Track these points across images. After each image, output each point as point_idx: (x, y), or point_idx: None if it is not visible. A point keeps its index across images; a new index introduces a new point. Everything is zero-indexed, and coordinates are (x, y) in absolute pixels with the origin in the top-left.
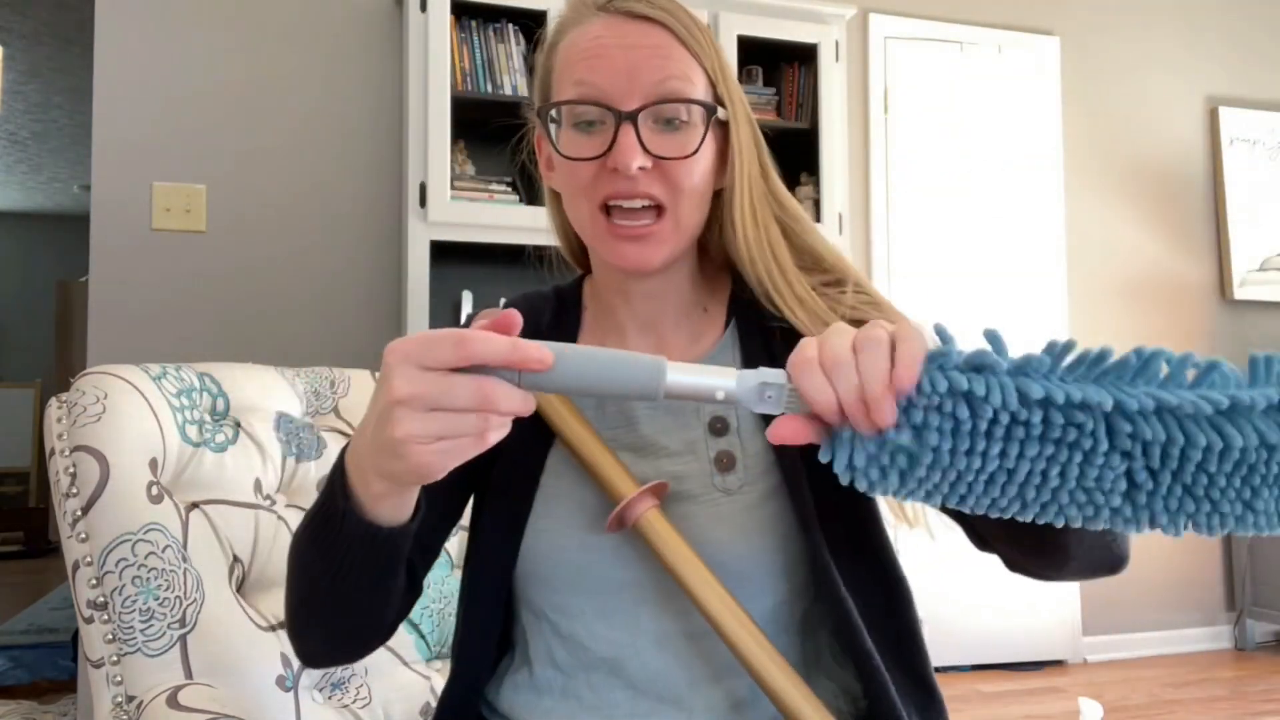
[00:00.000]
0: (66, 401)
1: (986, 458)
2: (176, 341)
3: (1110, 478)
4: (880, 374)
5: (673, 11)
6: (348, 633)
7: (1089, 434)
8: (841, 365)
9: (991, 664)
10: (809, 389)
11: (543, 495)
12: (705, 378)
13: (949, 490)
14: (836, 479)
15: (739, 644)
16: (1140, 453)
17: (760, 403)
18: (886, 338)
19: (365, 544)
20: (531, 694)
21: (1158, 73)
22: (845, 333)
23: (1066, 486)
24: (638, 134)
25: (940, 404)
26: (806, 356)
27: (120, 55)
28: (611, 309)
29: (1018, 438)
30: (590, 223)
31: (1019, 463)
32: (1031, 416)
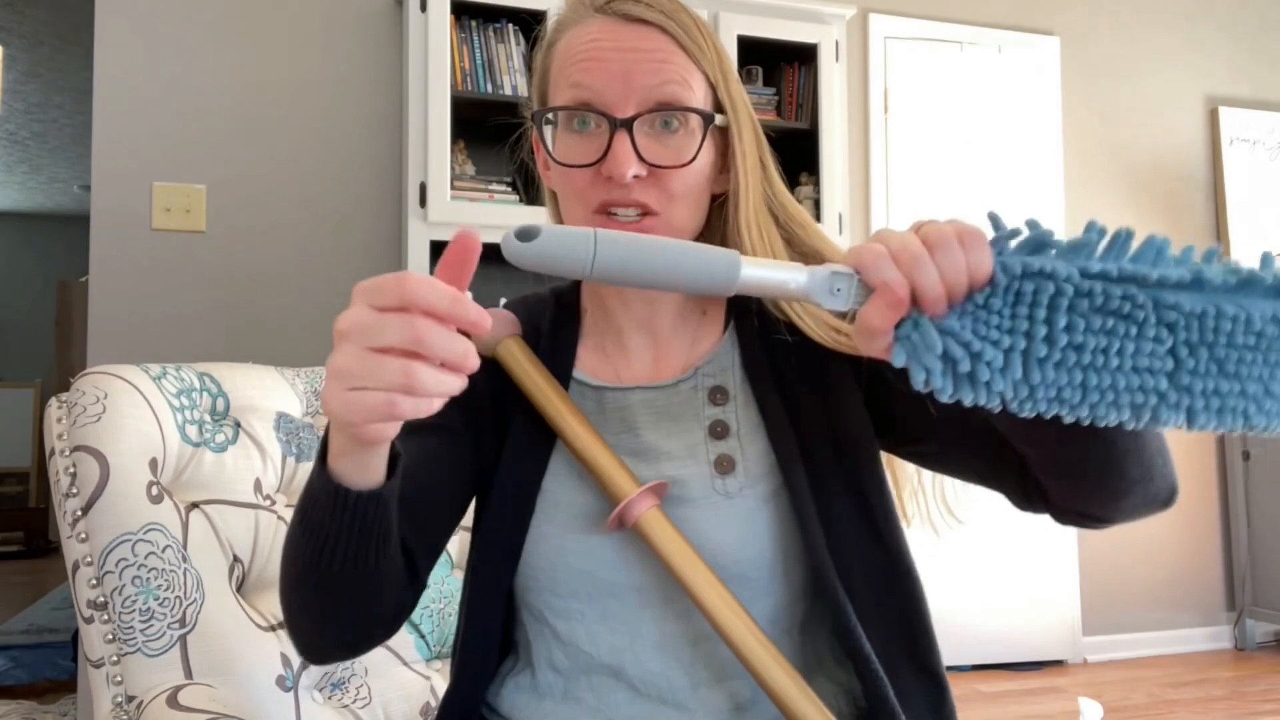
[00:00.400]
0: (66, 401)
1: (1054, 331)
2: (176, 341)
3: (1159, 353)
4: (960, 266)
5: (672, 14)
6: (341, 618)
7: (1139, 305)
8: (920, 259)
9: (991, 664)
10: (888, 280)
11: (544, 498)
12: (778, 271)
13: (1019, 370)
14: (838, 478)
15: (740, 644)
16: (1182, 324)
17: (830, 297)
18: (952, 230)
19: (338, 510)
20: (533, 696)
21: (1158, 73)
22: (904, 232)
23: (1123, 365)
24: (633, 141)
25: (1010, 284)
26: (877, 251)
27: (120, 55)
28: (609, 311)
29: (1080, 311)
30: (586, 226)
31: (1085, 336)
32: (1093, 289)
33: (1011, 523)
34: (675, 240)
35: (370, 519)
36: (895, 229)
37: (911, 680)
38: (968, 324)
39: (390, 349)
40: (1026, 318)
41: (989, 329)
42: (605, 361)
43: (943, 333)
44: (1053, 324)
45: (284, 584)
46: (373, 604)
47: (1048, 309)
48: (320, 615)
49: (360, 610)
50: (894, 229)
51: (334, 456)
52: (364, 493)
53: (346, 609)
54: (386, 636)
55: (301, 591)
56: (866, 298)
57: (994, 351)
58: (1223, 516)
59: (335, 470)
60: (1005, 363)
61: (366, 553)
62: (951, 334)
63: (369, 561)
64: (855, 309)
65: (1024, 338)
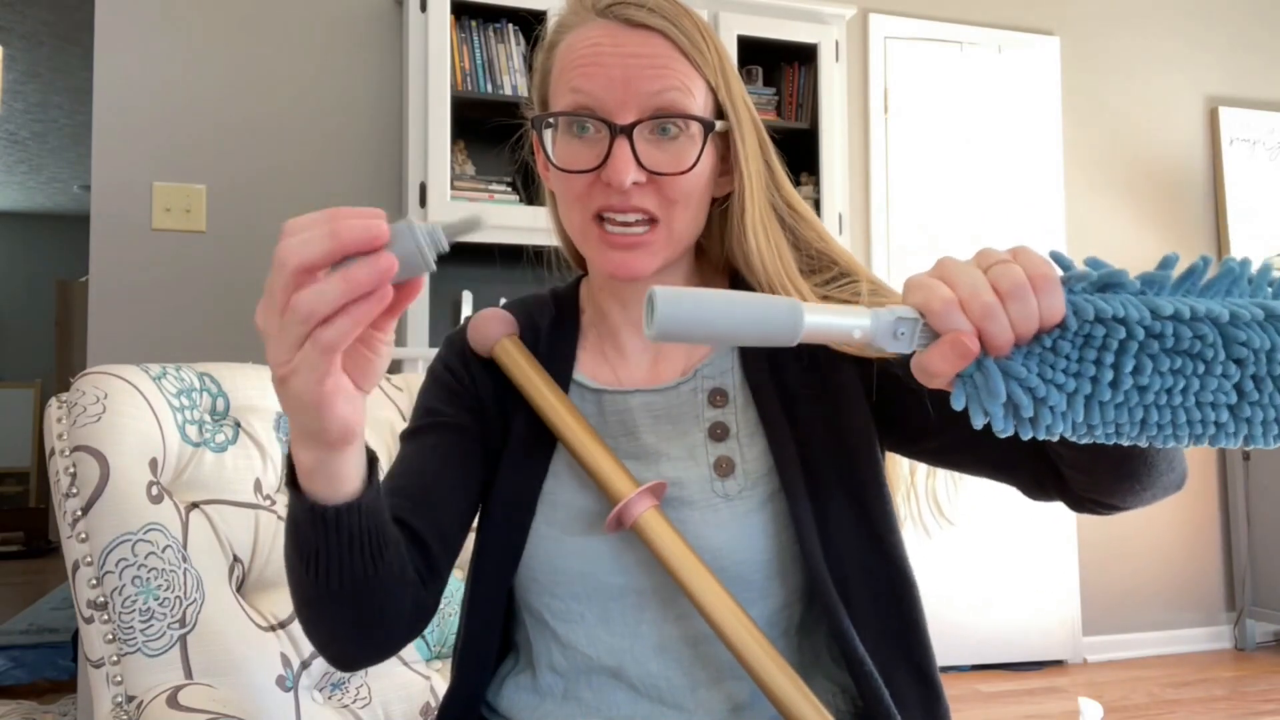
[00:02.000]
0: (66, 401)
1: (1120, 374)
2: (176, 341)
3: (1225, 388)
4: (1032, 315)
5: (674, 19)
6: (356, 629)
7: (1209, 344)
8: (991, 310)
9: (991, 664)
10: (957, 326)
11: (544, 501)
12: (841, 318)
13: (1080, 413)
14: (836, 480)
15: (738, 645)
16: (1251, 360)
17: (892, 341)
18: (1024, 275)
19: (320, 528)
20: (533, 696)
21: (1158, 73)
22: (974, 270)
23: (1186, 403)
24: (632, 147)
25: (1080, 327)
26: (944, 297)
27: (120, 55)
28: (607, 313)
29: (1149, 352)
30: (582, 230)
31: (1151, 378)
32: (1164, 330)
33: (1012, 523)
34: (736, 293)
35: (356, 530)
36: (959, 261)
37: (905, 683)
38: (1033, 365)
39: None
40: (1094, 361)
41: (1055, 371)
42: (604, 363)
43: (1007, 375)
44: (1120, 368)
45: (295, 605)
46: (384, 610)
47: (1117, 353)
48: (335, 629)
49: (372, 618)
50: (958, 261)
51: (303, 478)
52: (341, 506)
53: (358, 620)
54: (411, 636)
55: (311, 610)
56: (930, 340)
57: (1058, 396)
58: (1223, 516)
59: (309, 491)
60: (1068, 406)
61: (362, 564)
62: (1016, 378)
63: (366, 571)
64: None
65: (1090, 382)
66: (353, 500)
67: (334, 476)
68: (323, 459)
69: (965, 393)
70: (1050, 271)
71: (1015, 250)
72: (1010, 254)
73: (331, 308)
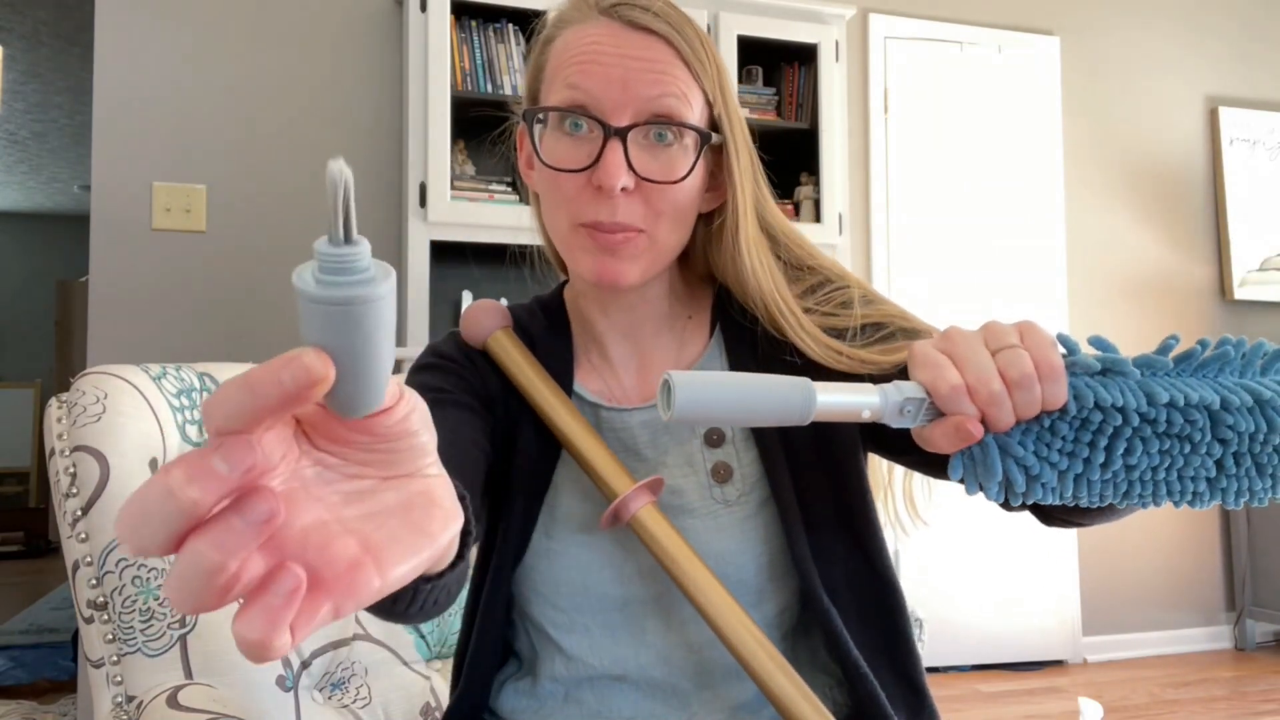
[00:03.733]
0: (66, 401)
1: (1112, 455)
2: (176, 341)
3: (1208, 464)
4: (1036, 403)
5: (678, 26)
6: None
7: (1199, 428)
8: (997, 399)
9: (991, 664)
10: (962, 411)
11: (547, 512)
12: (852, 397)
13: (1070, 489)
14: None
15: (736, 641)
16: (1235, 441)
17: (898, 417)
18: (1031, 364)
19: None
20: (532, 700)
21: (1158, 73)
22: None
23: (1169, 477)
24: (625, 151)
25: (1079, 412)
26: (952, 383)
27: (120, 55)
28: (591, 319)
29: (1141, 436)
30: (568, 234)
31: (1141, 458)
32: (1157, 416)
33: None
34: (749, 376)
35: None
36: (968, 337)
37: (893, 690)
38: (1030, 444)
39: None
40: (1088, 444)
41: (1050, 450)
42: (594, 373)
43: (1005, 453)
44: (1113, 450)
45: None
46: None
47: (1111, 437)
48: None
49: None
50: (967, 337)
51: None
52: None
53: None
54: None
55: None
56: (935, 416)
57: (1051, 474)
58: (1223, 516)
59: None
60: (1059, 482)
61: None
62: (1014, 457)
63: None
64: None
65: (1083, 462)
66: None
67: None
68: None
69: (963, 465)
70: (1056, 361)
71: (1023, 330)
72: (1018, 333)
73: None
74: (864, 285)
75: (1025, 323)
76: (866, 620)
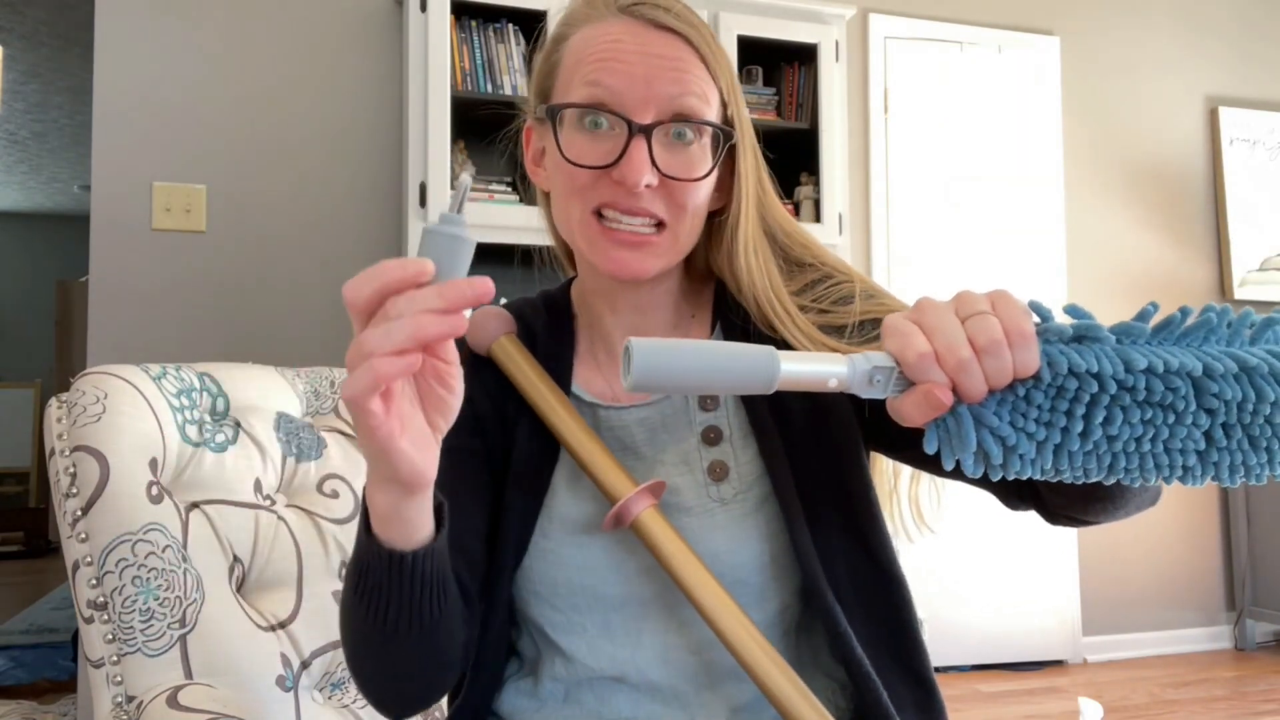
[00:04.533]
0: (66, 401)
1: (1091, 425)
2: (176, 341)
3: (1195, 436)
4: (1006, 370)
5: (696, 26)
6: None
7: (1181, 396)
8: (966, 365)
9: (991, 664)
10: (931, 378)
11: (543, 514)
12: (816, 366)
13: (1050, 460)
14: (825, 483)
15: (736, 644)
16: (1222, 410)
17: (868, 388)
18: (1001, 330)
19: (395, 575)
20: (533, 700)
21: (1158, 73)
22: (952, 320)
23: (1155, 449)
24: (649, 149)
25: (1054, 379)
26: (919, 350)
27: (120, 55)
28: (599, 316)
29: (1121, 404)
30: (582, 226)
31: (1121, 428)
32: (1136, 383)
33: (1012, 523)
34: (712, 343)
35: (429, 575)
36: (938, 306)
37: (900, 686)
38: (1005, 413)
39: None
40: (1065, 413)
41: (1026, 420)
42: (597, 371)
43: (979, 423)
44: (1091, 419)
45: (350, 652)
46: (444, 649)
47: (1089, 405)
48: (394, 674)
49: (433, 658)
50: (936, 305)
51: (380, 524)
52: (419, 552)
53: (419, 660)
54: (458, 674)
55: (370, 657)
56: (906, 386)
57: (1029, 444)
58: (1223, 516)
59: (384, 538)
60: (1038, 453)
61: (430, 607)
62: (988, 426)
63: (434, 614)
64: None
65: (1060, 431)
66: (426, 546)
67: (409, 522)
68: (397, 504)
69: (938, 436)
70: (1027, 326)
71: (994, 298)
72: (989, 302)
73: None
74: (867, 280)
75: (997, 291)
76: (871, 616)
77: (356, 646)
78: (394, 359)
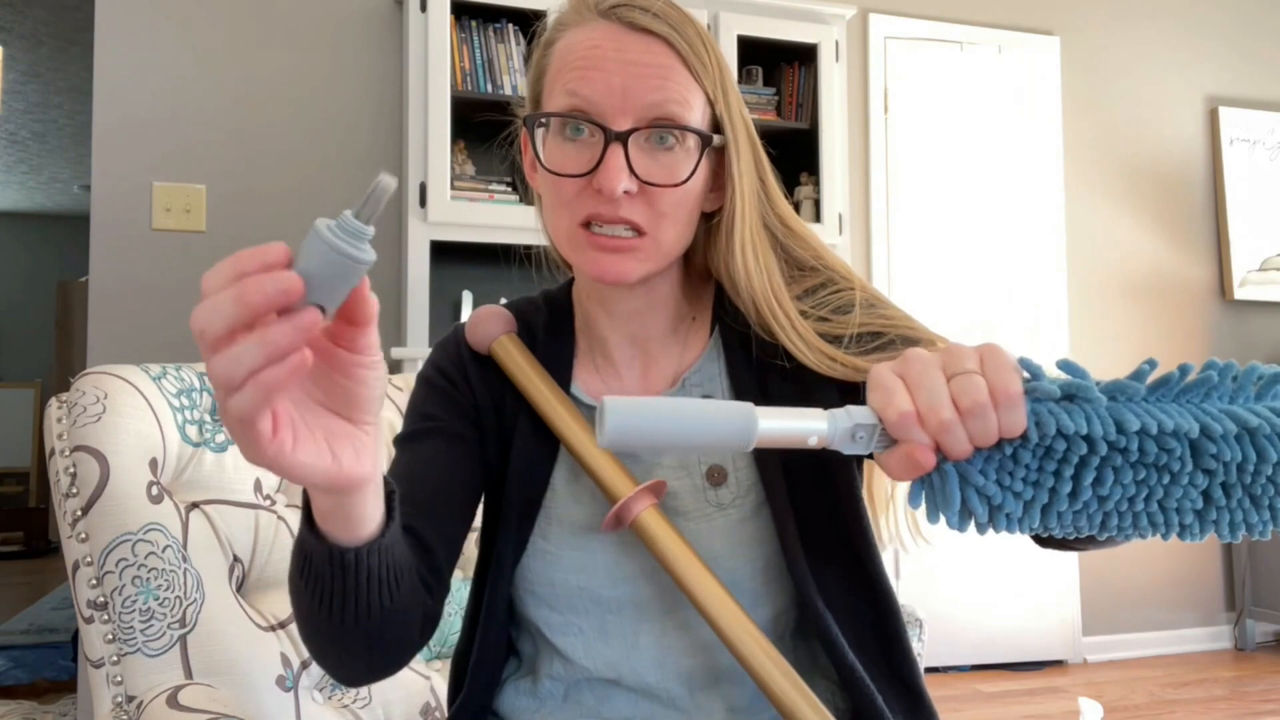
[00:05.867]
0: (66, 401)
1: (1080, 485)
2: (176, 341)
3: (1192, 495)
4: (991, 432)
5: (678, 27)
6: (368, 653)
7: (1177, 457)
8: (948, 427)
9: (991, 664)
10: (913, 439)
11: (544, 515)
12: (796, 423)
13: (1038, 519)
14: (816, 492)
15: (737, 643)
16: (1220, 471)
17: (850, 443)
18: (986, 391)
19: (339, 571)
20: (532, 700)
21: (1158, 73)
22: (937, 378)
23: (1149, 509)
24: (626, 155)
25: (1042, 440)
26: (900, 409)
27: (120, 55)
28: (594, 319)
29: (1113, 465)
30: (569, 235)
31: (1113, 489)
32: (1129, 445)
33: None
34: (689, 402)
35: (375, 570)
36: (925, 360)
37: (890, 696)
38: (991, 472)
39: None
40: (1054, 473)
41: (1013, 479)
42: (595, 374)
43: (964, 481)
44: (1080, 479)
45: (301, 629)
46: (397, 632)
47: (1078, 465)
48: (347, 654)
49: (384, 641)
50: (924, 360)
51: (321, 519)
52: (361, 549)
53: (371, 644)
54: (420, 647)
55: (321, 638)
56: (890, 443)
57: (1015, 503)
58: None
59: (327, 532)
60: (1025, 512)
61: (379, 599)
62: (973, 485)
63: (383, 604)
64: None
65: (1049, 492)
66: (371, 541)
67: (350, 519)
68: (337, 502)
69: (922, 494)
70: (1014, 387)
71: (983, 354)
72: (978, 358)
73: (246, 373)
74: (868, 288)
75: (987, 346)
76: (861, 626)
77: (307, 627)
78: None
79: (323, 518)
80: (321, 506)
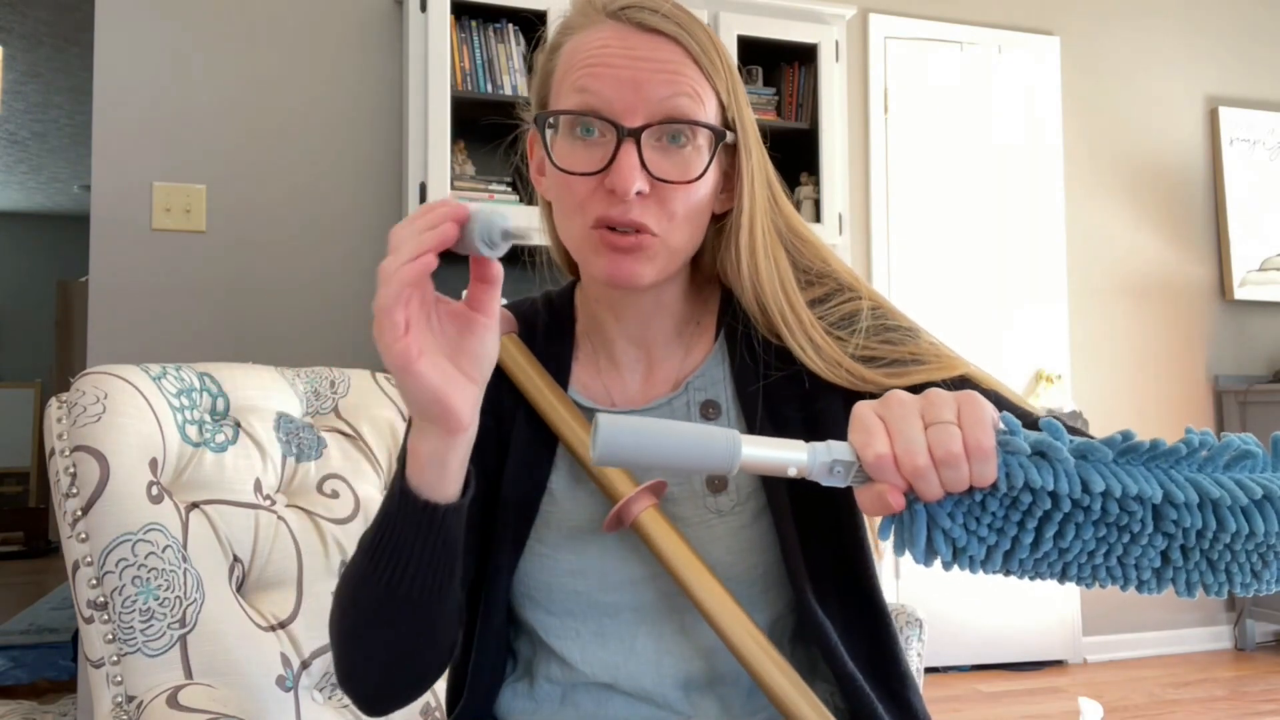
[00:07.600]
0: (66, 401)
1: (1042, 536)
2: (176, 341)
3: (1151, 555)
4: (963, 481)
5: (687, 26)
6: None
7: (1138, 520)
8: (922, 474)
9: (991, 664)
10: (888, 480)
11: (541, 518)
12: (778, 452)
13: (999, 564)
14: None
15: (737, 643)
16: (1180, 536)
17: (828, 476)
18: (961, 442)
19: (423, 525)
20: (529, 702)
21: (1158, 73)
22: (915, 425)
23: (1108, 563)
24: (639, 153)
25: (1010, 490)
26: (878, 451)
27: (120, 55)
28: (602, 323)
29: (1075, 521)
30: (581, 238)
31: (1074, 543)
32: (1092, 504)
33: None
34: (676, 424)
35: (450, 535)
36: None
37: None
38: (959, 515)
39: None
40: (1018, 523)
41: (979, 525)
42: (597, 376)
43: (933, 522)
44: (1043, 531)
45: (346, 634)
46: (444, 627)
47: (1041, 519)
48: (389, 655)
49: (430, 636)
50: (904, 403)
51: (416, 471)
52: (449, 506)
53: (417, 637)
54: (439, 673)
55: (368, 637)
56: (865, 480)
57: (979, 547)
58: None
59: (418, 485)
60: (988, 556)
61: (445, 571)
62: (940, 527)
63: (443, 581)
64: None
65: (1011, 540)
66: (455, 503)
67: (446, 469)
68: (437, 448)
69: (891, 529)
70: (987, 442)
71: (961, 404)
72: (956, 408)
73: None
74: (876, 297)
75: (967, 395)
76: (854, 637)
77: (356, 625)
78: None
79: (419, 470)
80: (423, 456)
